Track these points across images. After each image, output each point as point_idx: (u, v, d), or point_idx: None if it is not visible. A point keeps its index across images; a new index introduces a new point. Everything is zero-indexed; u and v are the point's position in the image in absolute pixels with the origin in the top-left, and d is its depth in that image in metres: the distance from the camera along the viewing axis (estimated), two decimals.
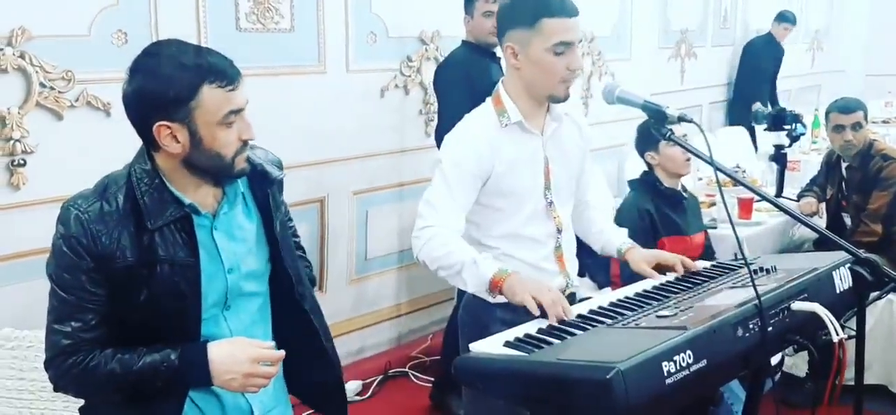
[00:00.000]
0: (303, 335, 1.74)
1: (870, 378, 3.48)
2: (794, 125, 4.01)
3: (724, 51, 7.09)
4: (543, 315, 1.75)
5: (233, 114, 1.49)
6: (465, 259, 1.88)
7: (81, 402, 1.65)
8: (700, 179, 4.35)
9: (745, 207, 3.68)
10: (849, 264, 1.69)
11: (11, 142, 2.72)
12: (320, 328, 1.77)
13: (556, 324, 1.70)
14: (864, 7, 8.73)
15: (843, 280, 1.86)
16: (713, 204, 3.82)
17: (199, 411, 1.62)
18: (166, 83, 1.45)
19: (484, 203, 2.07)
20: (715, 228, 3.60)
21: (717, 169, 1.73)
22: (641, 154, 3.22)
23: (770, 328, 1.64)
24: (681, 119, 1.77)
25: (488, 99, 2.11)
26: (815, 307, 1.68)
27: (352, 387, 3.71)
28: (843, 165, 3.70)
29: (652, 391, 1.38)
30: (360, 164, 3.85)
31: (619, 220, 3.12)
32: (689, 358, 1.45)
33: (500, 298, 1.87)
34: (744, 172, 4.29)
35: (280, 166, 1.75)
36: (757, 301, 1.62)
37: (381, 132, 3.91)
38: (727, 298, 1.73)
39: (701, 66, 6.72)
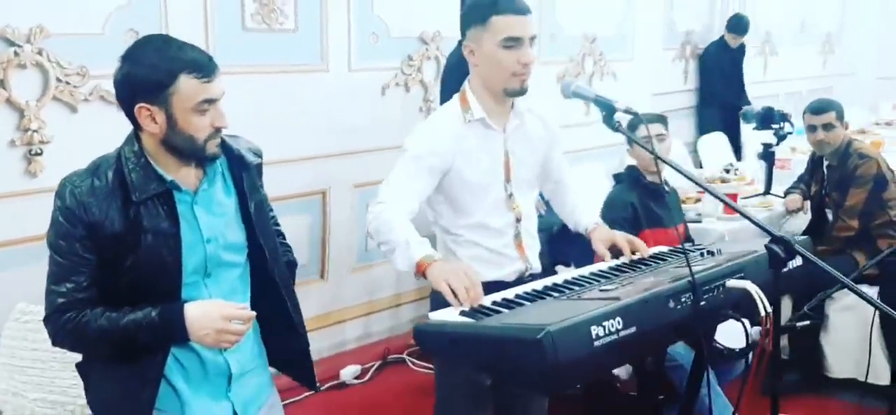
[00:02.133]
0: (275, 308, 1.90)
1: (841, 371, 3.61)
2: (781, 124, 4.13)
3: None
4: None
5: (206, 102, 1.66)
6: (400, 239, 2.01)
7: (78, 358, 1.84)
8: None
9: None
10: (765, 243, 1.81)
11: (29, 132, 2.93)
12: (289, 301, 1.93)
13: (477, 305, 1.82)
14: (876, 10, 8.76)
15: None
16: (699, 200, 3.94)
17: (182, 367, 1.80)
18: (149, 70, 1.64)
19: (449, 194, 2.23)
20: (700, 222, 3.73)
21: (657, 159, 1.88)
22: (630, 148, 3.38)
23: (703, 303, 1.79)
24: (626, 111, 1.92)
25: (456, 96, 2.27)
26: (747, 285, 1.82)
27: (351, 371, 3.89)
28: (825, 163, 3.81)
29: (580, 351, 1.53)
30: (361, 158, 4.02)
31: (606, 212, 3.27)
32: (619, 324, 1.60)
33: (424, 281, 1.98)
34: (737, 170, 4.40)
35: (258, 154, 1.92)
36: (690, 277, 1.77)
37: (381, 128, 4.07)
38: (667, 276, 1.88)
39: None
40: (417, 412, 3.62)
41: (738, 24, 6.52)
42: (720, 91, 6.50)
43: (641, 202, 3.25)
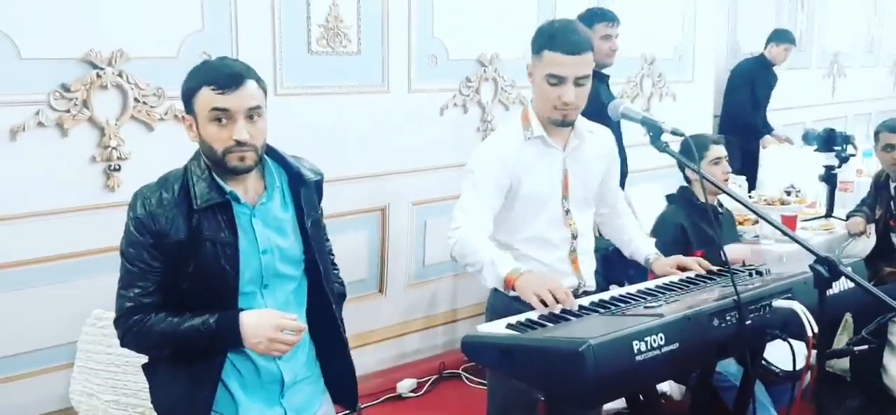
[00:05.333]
0: (326, 325, 2.00)
1: None
2: (843, 146, 4.08)
3: (797, 73, 7.06)
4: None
5: (219, 111, 1.76)
6: (486, 258, 2.12)
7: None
8: (751, 197, 4.44)
9: (789, 223, 3.77)
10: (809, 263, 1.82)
11: (109, 149, 3.12)
12: (340, 322, 2.03)
13: (558, 312, 1.91)
14: None
15: (834, 286, 2.00)
16: (757, 222, 3.91)
17: (238, 373, 1.91)
18: (185, 83, 1.81)
19: (509, 209, 2.31)
20: (758, 243, 3.71)
21: (704, 179, 1.91)
22: (682, 170, 3.38)
23: (748, 321, 1.82)
24: (673, 132, 1.96)
25: (518, 114, 2.36)
26: (794, 305, 1.84)
27: (407, 384, 3.98)
28: (892, 185, 3.75)
29: (621, 366, 1.59)
30: (419, 176, 4.12)
31: (656, 232, 3.29)
32: (661, 340, 1.65)
33: (513, 293, 2.09)
34: (798, 191, 4.35)
35: (317, 173, 2.03)
36: (735, 296, 1.80)
37: (440, 148, 4.16)
38: (713, 294, 1.91)
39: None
40: None
41: (789, 35, 5.91)
42: (752, 117, 5.88)
43: (692, 223, 3.24)
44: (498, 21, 4.34)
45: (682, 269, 2.30)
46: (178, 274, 1.82)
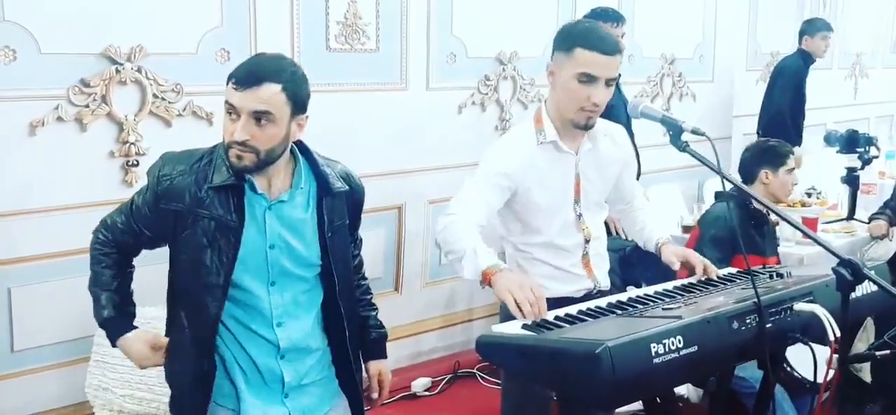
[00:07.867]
0: (336, 336, 2.01)
1: None
2: (866, 148, 4.02)
3: (819, 74, 6.95)
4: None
5: (228, 106, 1.79)
6: (467, 247, 2.04)
7: None
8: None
9: (810, 225, 3.72)
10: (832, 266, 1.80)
11: (127, 145, 3.13)
12: (350, 336, 2.02)
13: (540, 320, 1.85)
14: None
15: (856, 289, 1.96)
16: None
17: (241, 369, 1.91)
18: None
19: (519, 213, 2.29)
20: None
21: (725, 179, 1.88)
22: (752, 172, 3.30)
23: (769, 325, 1.79)
24: (694, 131, 1.93)
25: (531, 116, 2.32)
26: (816, 308, 1.81)
27: (422, 383, 3.97)
28: None
29: (638, 368, 1.57)
30: (436, 174, 4.10)
31: (706, 225, 3.15)
32: (679, 343, 1.62)
33: (488, 289, 2.02)
34: (819, 193, 4.30)
35: (348, 183, 2.00)
36: (756, 299, 1.78)
37: (457, 146, 4.14)
38: (733, 296, 1.89)
39: None
40: None
41: (820, 21, 5.59)
42: (799, 118, 5.54)
43: (743, 228, 3.11)
44: (517, 19, 4.31)
45: (687, 265, 2.25)
46: (181, 240, 1.85)
